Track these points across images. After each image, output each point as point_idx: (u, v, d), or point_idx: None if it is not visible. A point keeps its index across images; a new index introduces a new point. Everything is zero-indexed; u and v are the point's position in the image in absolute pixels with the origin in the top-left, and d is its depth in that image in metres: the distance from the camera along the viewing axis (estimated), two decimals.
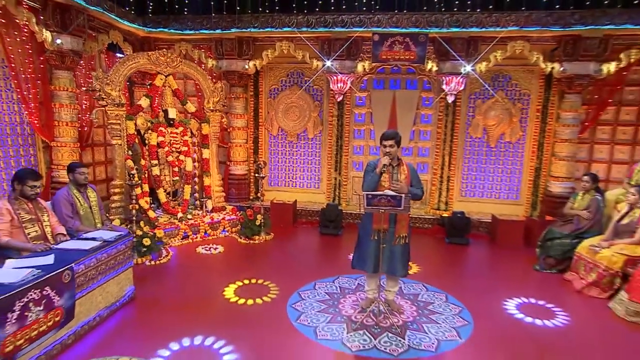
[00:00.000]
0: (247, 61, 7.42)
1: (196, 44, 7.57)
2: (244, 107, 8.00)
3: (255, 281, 5.03)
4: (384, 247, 3.84)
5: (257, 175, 7.02)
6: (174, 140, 6.60)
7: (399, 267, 3.98)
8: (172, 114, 6.56)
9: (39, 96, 5.81)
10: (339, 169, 8.06)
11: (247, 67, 7.41)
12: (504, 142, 7.55)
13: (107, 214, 5.50)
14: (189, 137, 6.87)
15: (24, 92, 5.57)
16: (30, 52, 5.61)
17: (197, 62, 7.35)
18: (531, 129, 7.39)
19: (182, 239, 6.38)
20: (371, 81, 7.82)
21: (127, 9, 6.89)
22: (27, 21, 5.29)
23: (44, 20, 5.60)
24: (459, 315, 4.27)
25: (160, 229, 6.02)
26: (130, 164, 5.87)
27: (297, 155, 8.33)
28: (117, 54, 7.17)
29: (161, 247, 5.79)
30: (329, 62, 7.05)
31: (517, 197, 7.68)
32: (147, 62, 6.23)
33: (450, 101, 7.16)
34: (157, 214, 6.50)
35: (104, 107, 5.95)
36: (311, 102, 7.99)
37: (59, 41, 5.70)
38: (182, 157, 6.74)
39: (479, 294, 4.79)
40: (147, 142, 6.43)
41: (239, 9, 7.05)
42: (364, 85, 7.87)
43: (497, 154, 7.63)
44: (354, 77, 7.42)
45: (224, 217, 6.95)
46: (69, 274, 3.38)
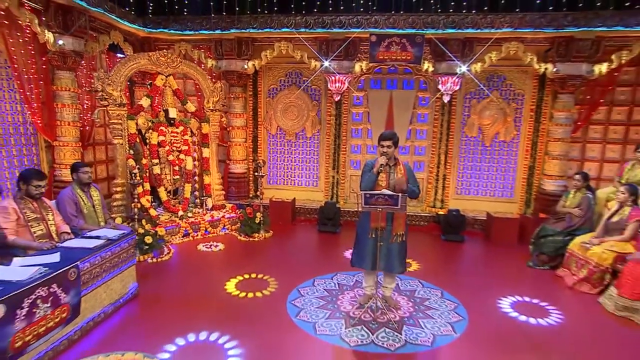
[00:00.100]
0: (246, 61, 7.46)
1: (196, 44, 7.61)
2: (243, 106, 8.05)
3: (255, 276, 5.17)
4: (382, 244, 3.91)
5: (256, 174, 7.10)
6: (174, 139, 6.67)
7: (396, 264, 4.06)
8: (172, 113, 6.63)
9: (41, 96, 5.85)
10: (336, 167, 8.13)
11: (246, 67, 7.46)
12: (499, 141, 7.65)
13: (109, 213, 5.57)
14: (189, 137, 6.94)
15: (27, 93, 5.61)
16: (32, 53, 5.65)
17: (196, 62, 7.40)
18: (525, 128, 7.49)
19: (182, 237, 6.45)
20: (368, 81, 7.88)
21: (127, 10, 6.93)
22: (30, 22, 5.33)
23: (46, 21, 5.64)
24: (454, 311, 4.36)
25: (161, 227, 6.09)
26: (131, 163, 5.96)
27: (296, 154, 8.40)
28: (118, 54, 7.20)
29: (162, 245, 5.85)
30: (327, 63, 7.11)
31: (512, 195, 7.79)
32: (148, 63, 6.29)
33: (446, 101, 7.23)
34: (158, 212, 6.57)
35: (105, 107, 6.02)
36: (309, 101, 8.06)
37: (60, 42, 5.74)
38: (182, 156, 6.81)
39: (474, 291, 4.88)
40: (148, 142, 6.50)
41: (238, 10, 7.08)
42: (361, 85, 7.93)
43: (492, 152, 7.73)
44: (352, 77, 7.47)
45: (224, 215, 7.02)
46: (75, 271, 3.46)
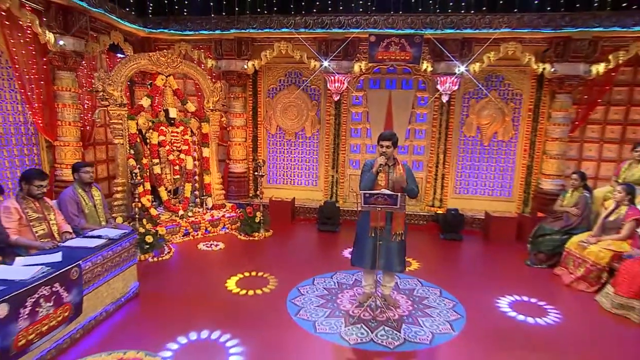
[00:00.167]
0: (246, 61, 7.50)
1: (196, 44, 7.64)
2: (243, 106, 8.09)
3: (255, 274, 5.23)
4: (381, 244, 3.94)
5: (256, 173, 7.13)
6: (174, 139, 6.69)
7: (395, 263, 4.10)
8: (172, 113, 6.65)
9: (42, 96, 5.88)
10: (336, 167, 8.18)
11: (246, 67, 7.49)
12: (497, 141, 7.70)
13: (110, 212, 5.60)
14: (190, 136, 6.97)
15: (28, 93, 5.64)
16: (33, 53, 5.68)
17: (196, 62, 7.44)
18: (523, 127, 7.55)
19: (183, 236, 6.48)
20: (367, 81, 7.92)
21: (127, 10, 6.96)
22: (31, 23, 5.36)
23: (46, 22, 5.67)
24: (452, 309, 4.39)
25: (162, 226, 6.12)
26: (132, 163, 6.00)
27: (295, 153, 8.43)
28: (118, 55, 7.23)
29: (163, 244, 5.88)
30: (326, 63, 7.15)
31: (510, 194, 7.84)
32: (148, 63, 6.32)
33: (444, 101, 7.28)
34: (159, 212, 6.61)
35: (106, 107, 6.05)
36: (309, 101, 8.09)
37: (61, 42, 5.77)
38: (182, 156, 6.83)
39: (473, 289, 4.92)
40: (148, 141, 6.53)
41: (238, 10, 7.12)
42: (360, 85, 7.97)
43: (490, 152, 7.78)
44: (351, 77, 7.51)
45: (224, 214, 7.06)
46: (77, 271, 3.49)
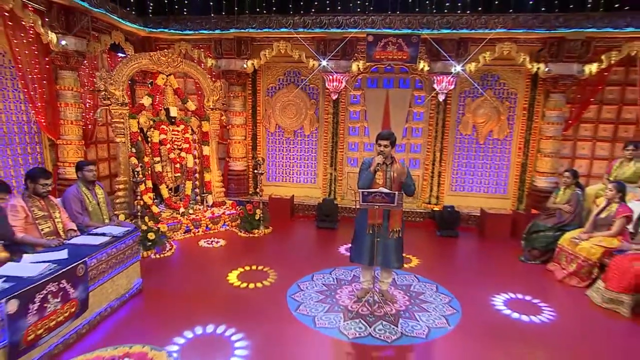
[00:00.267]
0: (246, 60, 7.56)
1: (196, 43, 7.70)
2: (243, 105, 8.16)
3: (256, 267, 5.37)
4: (379, 240, 4.02)
5: (255, 171, 7.21)
6: (175, 137, 6.76)
7: (393, 259, 4.17)
8: (173, 112, 6.72)
9: (45, 96, 5.94)
10: (334, 164, 8.26)
11: (245, 66, 7.56)
12: (492, 139, 7.80)
13: (113, 210, 5.66)
14: (190, 135, 7.02)
15: (31, 92, 5.70)
16: (36, 53, 5.73)
17: (196, 61, 7.50)
18: (518, 126, 7.64)
19: (184, 233, 6.57)
20: (365, 80, 7.99)
21: (128, 10, 7.02)
22: (33, 23, 5.42)
23: (49, 22, 5.74)
24: (448, 304, 4.48)
25: (163, 223, 6.20)
26: (134, 162, 6.08)
27: (294, 151, 8.51)
28: (119, 54, 7.29)
29: (165, 241, 5.96)
30: (324, 62, 7.23)
31: (505, 192, 7.95)
32: (149, 63, 6.38)
33: (441, 99, 7.38)
34: (160, 209, 6.68)
35: (108, 107, 6.11)
36: (307, 100, 8.16)
37: (63, 42, 5.84)
38: (183, 154, 6.89)
39: (468, 285, 5.02)
40: (149, 140, 6.59)
41: (238, 10, 7.17)
42: (358, 84, 8.03)
43: (486, 150, 7.88)
44: (349, 76, 7.58)
45: (224, 211, 7.14)
46: (83, 267, 3.58)
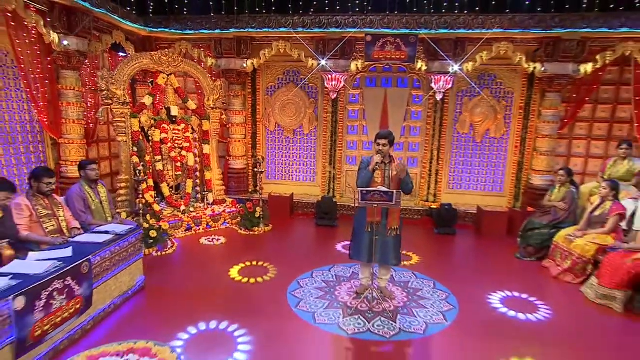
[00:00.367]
0: (245, 60, 7.60)
1: (196, 43, 7.74)
2: (243, 104, 8.21)
3: (256, 263, 5.48)
4: (377, 238, 4.09)
5: (255, 169, 7.26)
6: (176, 136, 6.82)
7: (391, 257, 4.25)
8: (174, 111, 6.78)
9: (47, 95, 5.98)
10: (333, 163, 8.32)
11: (245, 65, 7.60)
12: (489, 138, 7.87)
13: (115, 208, 5.70)
14: (191, 134, 7.08)
15: (33, 92, 5.73)
16: (38, 53, 5.75)
17: (197, 60, 7.55)
18: (514, 125, 7.72)
19: (185, 231, 6.63)
20: (364, 79, 8.04)
21: (129, 10, 7.06)
22: (36, 24, 5.44)
23: (51, 22, 5.77)
24: (445, 300, 4.56)
25: (165, 221, 6.26)
26: (136, 161, 6.14)
27: (294, 150, 8.57)
28: (120, 53, 7.33)
29: (166, 239, 6.02)
30: (323, 61, 7.27)
31: (501, 190, 8.03)
32: (150, 62, 6.43)
33: (438, 99, 7.43)
34: (161, 207, 6.75)
35: (109, 106, 6.17)
36: (307, 99, 8.21)
37: (65, 42, 5.88)
38: (184, 153, 6.95)
39: (465, 282, 5.10)
40: (151, 139, 6.65)
41: (237, 10, 7.21)
42: (357, 83, 8.08)
43: (483, 148, 7.95)
44: (348, 76, 7.63)
45: (225, 209, 7.21)
46: (87, 265, 3.64)
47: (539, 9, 6.69)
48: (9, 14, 5.24)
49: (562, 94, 7.19)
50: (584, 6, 6.48)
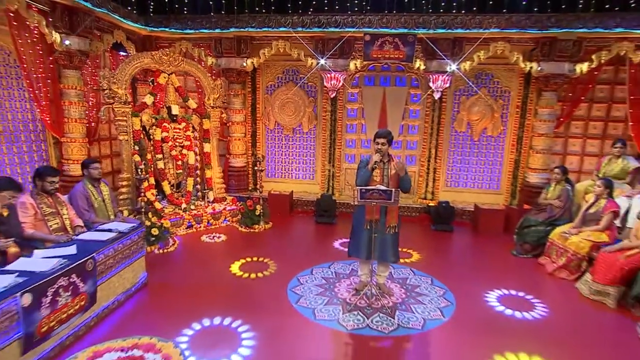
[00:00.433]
0: (245, 59, 7.63)
1: (196, 42, 7.77)
2: (243, 102, 8.25)
3: (257, 259, 5.57)
4: (376, 236, 4.13)
5: (255, 167, 7.31)
6: (177, 135, 6.87)
7: (389, 254, 4.31)
8: (175, 110, 6.82)
9: (49, 94, 6.02)
10: (332, 161, 8.37)
11: (245, 64, 7.63)
12: (486, 136, 7.94)
13: (117, 206, 5.77)
14: (191, 132, 7.14)
15: (36, 91, 5.77)
16: (40, 52, 5.80)
17: (197, 60, 7.58)
18: (511, 123, 7.79)
19: (186, 229, 6.69)
20: (362, 78, 8.08)
21: (130, 10, 7.10)
22: (38, 24, 5.47)
23: (53, 22, 5.79)
24: (443, 296, 4.62)
25: (166, 219, 6.30)
26: (137, 159, 6.20)
27: (293, 148, 8.62)
28: (121, 53, 7.38)
29: (168, 237, 6.06)
30: (322, 61, 7.32)
31: (498, 187, 8.11)
32: (151, 62, 6.48)
33: (436, 97, 7.49)
34: (163, 205, 6.80)
35: (111, 105, 6.22)
36: (306, 98, 8.27)
37: (67, 42, 5.91)
38: (184, 151, 7.00)
39: (462, 278, 5.16)
40: (152, 138, 6.69)
41: (237, 10, 7.25)
42: (355, 82, 8.12)
43: (480, 147, 8.02)
44: (347, 75, 7.67)
45: (225, 207, 7.26)
46: (92, 262, 3.70)
47: (535, 9, 6.74)
48: (12, 14, 5.27)
49: (558, 93, 7.26)
50: (580, 6, 6.55)
